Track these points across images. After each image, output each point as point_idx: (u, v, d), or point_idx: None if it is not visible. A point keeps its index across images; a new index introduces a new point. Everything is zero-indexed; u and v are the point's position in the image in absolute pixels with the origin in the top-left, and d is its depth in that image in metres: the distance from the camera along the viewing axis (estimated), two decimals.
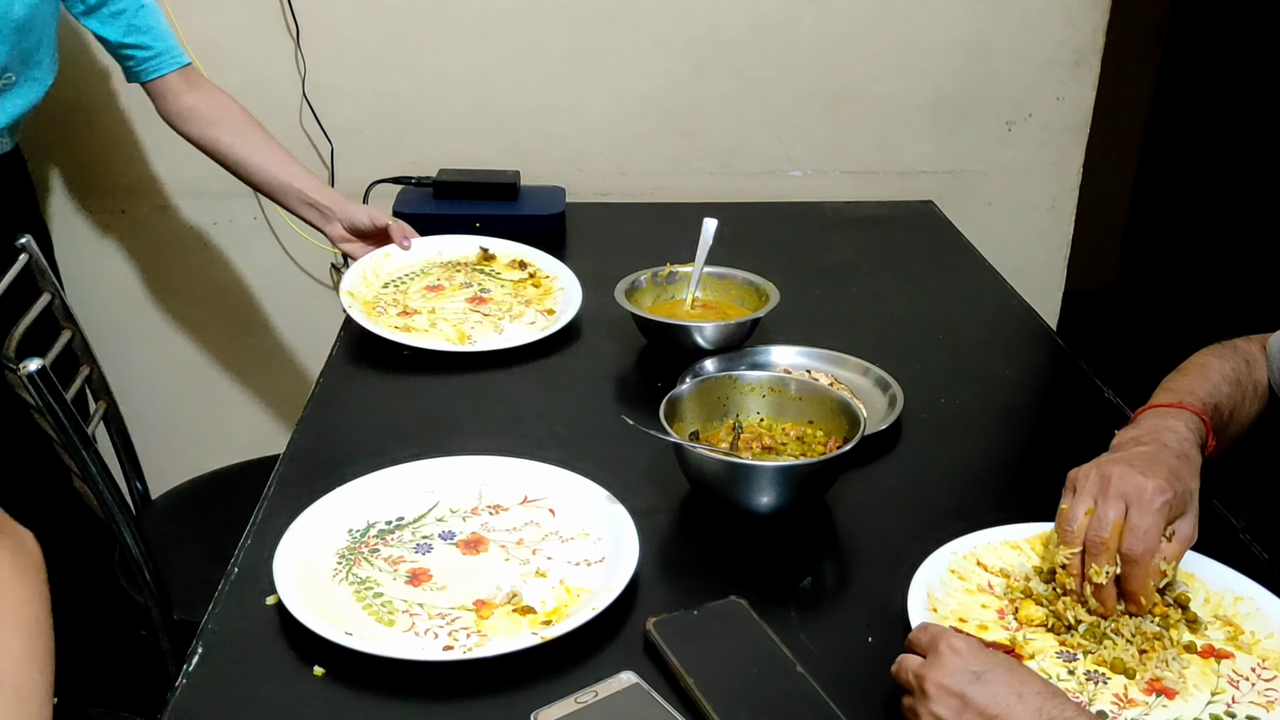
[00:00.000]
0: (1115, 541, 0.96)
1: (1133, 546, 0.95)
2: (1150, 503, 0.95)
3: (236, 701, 0.88)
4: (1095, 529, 0.96)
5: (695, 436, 1.15)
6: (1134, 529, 0.95)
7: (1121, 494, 0.97)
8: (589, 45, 1.98)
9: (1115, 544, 0.96)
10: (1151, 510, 0.95)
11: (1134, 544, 0.95)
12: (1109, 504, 0.97)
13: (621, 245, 1.81)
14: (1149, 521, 0.95)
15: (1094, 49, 2.05)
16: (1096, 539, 0.96)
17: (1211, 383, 1.14)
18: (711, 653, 0.90)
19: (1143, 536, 0.95)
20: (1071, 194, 2.17)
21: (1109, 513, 0.96)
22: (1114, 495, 0.97)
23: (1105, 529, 0.96)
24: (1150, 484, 0.96)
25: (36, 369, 1.33)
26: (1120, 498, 0.96)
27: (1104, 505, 0.97)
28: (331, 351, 1.46)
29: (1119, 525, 0.96)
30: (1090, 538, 0.97)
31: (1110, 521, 0.96)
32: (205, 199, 2.03)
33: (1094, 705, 0.89)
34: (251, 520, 1.10)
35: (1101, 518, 0.96)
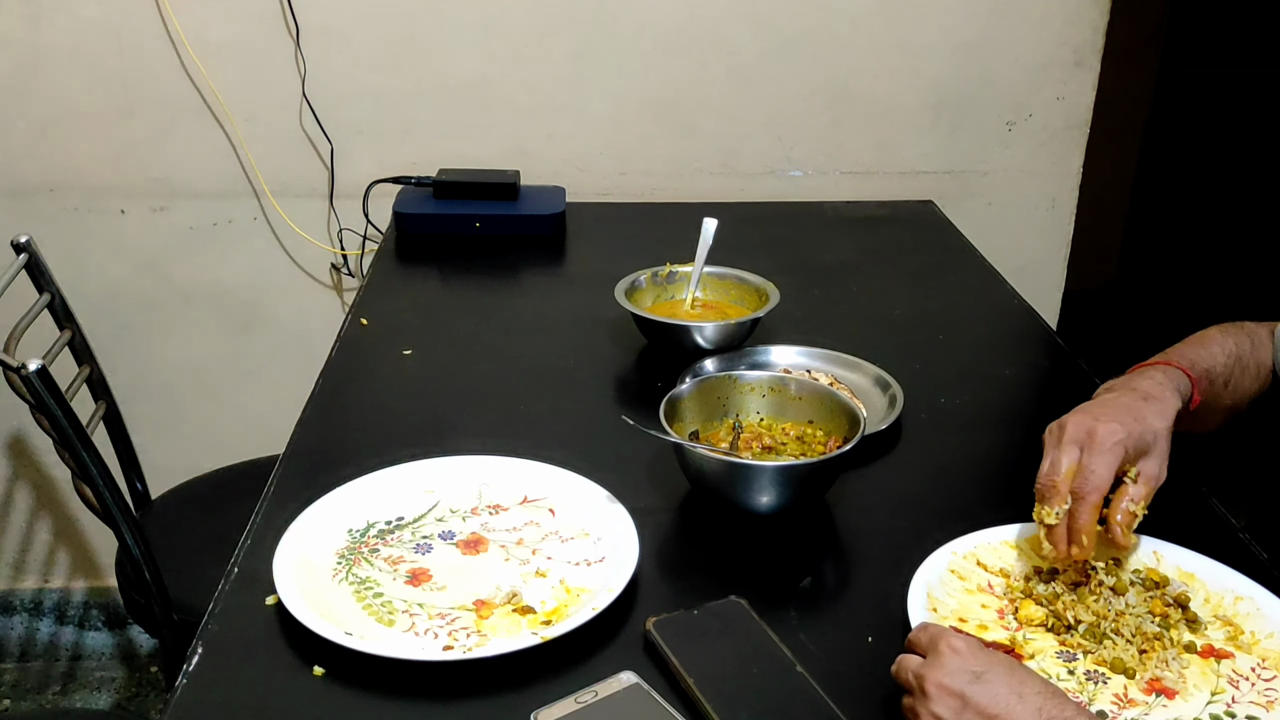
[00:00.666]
0: (1068, 485, 0.98)
1: (1080, 485, 0.97)
2: (1101, 443, 0.98)
3: (236, 701, 0.88)
4: (1048, 474, 0.99)
5: (695, 436, 1.15)
6: (1084, 470, 0.98)
7: (1074, 440, 0.99)
8: (589, 45, 1.98)
9: (1067, 488, 0.98)
10: (1103, 450, 0.97)
11: (1081, 483, 0.97)
12: (1062, 450, 0.99)
13: (621, 245, 1.81)
14: (1098, 461, 0.97)
15: (1094, 49, 2.05)
16: (1048, 483, 0.99)
17: (1208, 350, 1.15)
18: (711, 653, 0.90)
19: (1090, 476, 0.97)
20: (1071, 194, 2.16)
21: (1062, 459, 0.99)
22: (1068, 442, 0.99)
23: (1058, 474, 0.98)
24: (1101, 427, 0.98)
25: (36, 369, 1.33)
26: (1074, 443, 0.99)
27: (1057, 452, 0.99)
28: (331, 351, 1.45)
29: (1073, 470, 0.98)
30: (1043, 482, 0.99)
31: (1063, 467, 0.98)
32: (205, 199, 2.04)
33: (1094, 705, 0.89)
34: (251, 520, 1.10)
35: (1054, 463, 0.99)
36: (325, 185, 2.03)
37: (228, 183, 2.03)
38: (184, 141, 1.99)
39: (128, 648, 2.38)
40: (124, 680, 2.34)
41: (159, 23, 1.91)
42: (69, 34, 1.91)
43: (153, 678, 2.34)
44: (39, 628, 2.36)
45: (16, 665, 2.35)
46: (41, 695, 2.29)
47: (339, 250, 2.07)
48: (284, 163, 2.01)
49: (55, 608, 2.35)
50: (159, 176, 2.02)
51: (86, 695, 2.30)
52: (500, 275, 1.76)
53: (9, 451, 2.21)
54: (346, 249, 2.06)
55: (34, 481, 2.25)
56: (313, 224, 2.06)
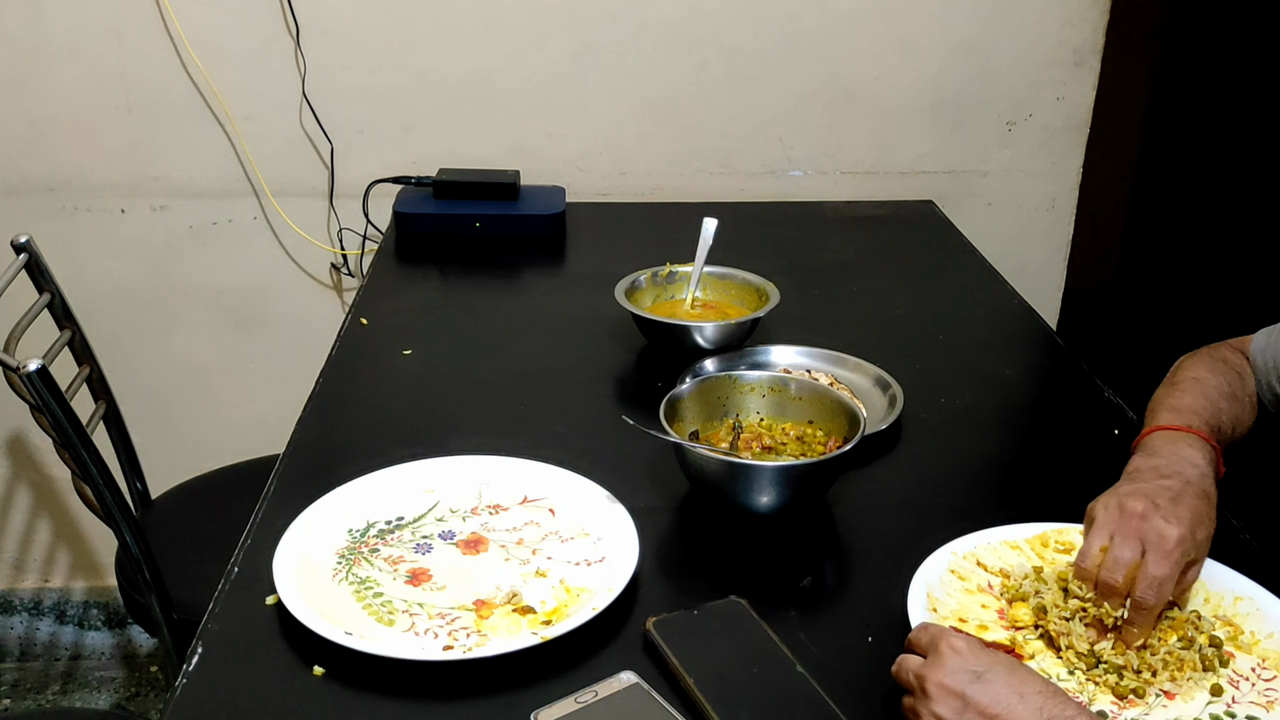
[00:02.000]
0: (1128, 585, 0.92)
1: (1145, 596, 0.91)
2: (1170, 553, 0.92)
3: (236, 701, 0.88)
4: (1109, 570, 0.93)
5: (695, 436, 1.15)
6: (1149, 578, 0.91)
7: (1141, 536, 0.93)
8: (589, 45, 1.98)
9: (1127, 587, 0.92)
10: (1170, 561, 0.92)
11: (1147, 593, 0.91)
12: (1126, 545, 0.93)
13: (621, 245, 1.81)
14: (1165, 572, 0.91)
15: (1094, 49, 2.05)
16: (1109, 580, 0.93)
17: (1212, 401, 1.12)
18: (711, 653, 0.90)
19: (1157, 587, 0.91)
20: (1071, 194, 2.17)
21: (1124, 554, 0.93)
22: (1133, 536, 0.93)
23: (1120, 572, 0.92)
24: (1173, 532, 0.92)
25: (36, 369, 1.33)
26: (1139, 539, 0.93)
27: (1120, 545, 0.93)
28: (331, 351, 1.45)
29: (1134, 569, 0.92)
30: (1103, 578, 0.93)
31: (1126, 564, 0.92)
32: (205, 199, 2.04)
33: (1094, 705, 0.89)
34: (251, 520, 1.10)
35: (1117, 559, 0.93)
36: (325, 185, 2.03)
37: (228, 182, 2.03)
38: (184, 141, 1.99)
39: (128, 648, 2.38)
40: (124, 680, 2.34)
41: (159, 21, 1.91)
42: (69, 33, 1.91)
43: (153, 678, 2.34)
44: (39, 627, 2.36)
45: (16, 665, 2.35)
46: (41, 695, 2.29)
47: (339, 250, 2.07)
48: (284, 162, 2.01)
49: (55, 607, 2.35)
50: (159, 176, 2.02)
51: (86, 695, 2.30)
52: (500, 275, 1.76)
53: (9, 451, 2.21)
54: (346, 249, 2.07)
55: (34, 481, 2.25)
56: (313, 224, 2.06)
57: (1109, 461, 1.11)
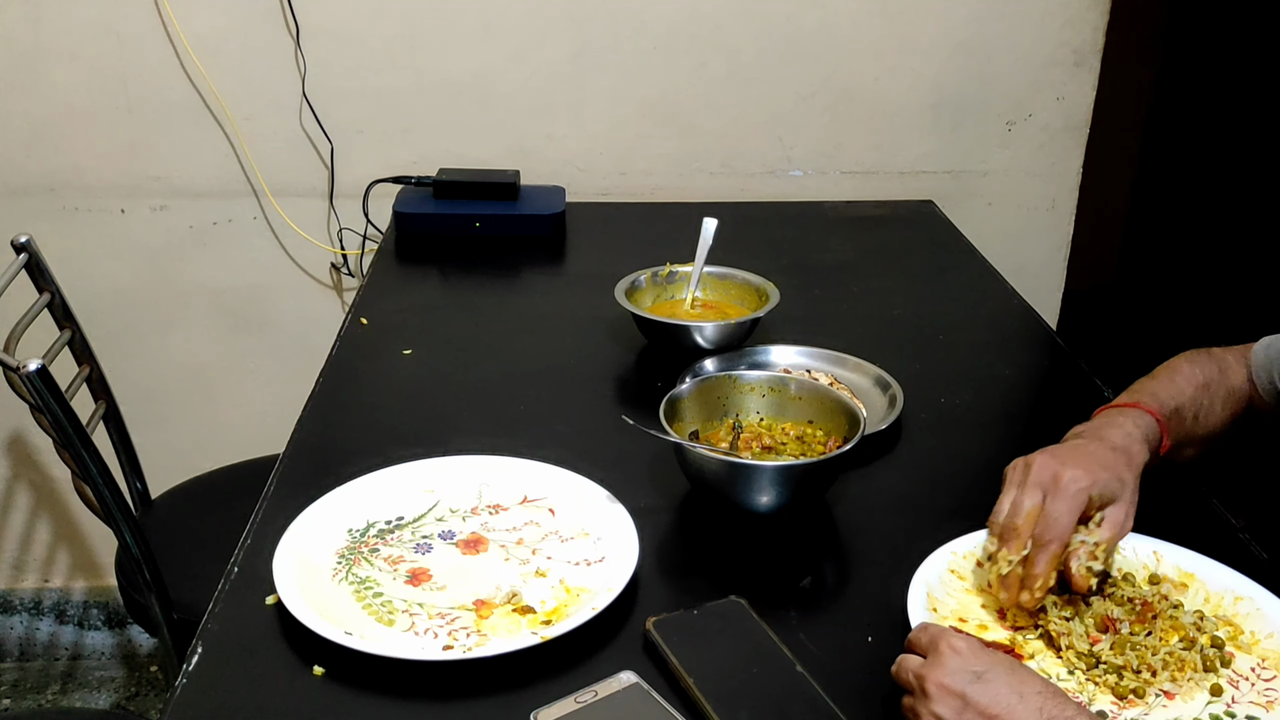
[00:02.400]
0: (1029, 529, 0.96)
1: (1041, 531, 0.96)
2: (1065, 489, 0.96)
3: (236, 701, 0.88)
4: (1010, 516, 0.98)
5: (695, 436, 1.15)
6: (1046, 515, 0.96)
7: (1038, 483, 0.98)
8: (589, 45, 1.98)
9: (1029, 531, 0.96)
10: (1066, 496, 0.96)
11: (1044, 529, 0.96)
12: (1025, 492, 0.98)
13: (621, 245, 1.81)
14: (1062, 508, 0.96)
15: (1094, 49, 2.05)
16: (1009, 525, 0.97)
17: (1176, 386, 1.13)
18: (711, 653, 0.90)
19: (1053, 523, 0.95)
20: (1071, 194, 2.17)
21: (1024, 501, 0.97)
22: (1031, 484, 0.98)
23: (1019, 516, 0.97)
24: (1067, 472, 0.97)
25: (36, 369, 1.33)
26: (1037, 486, 0.97)
27: (1020, 493, 0.98)
28: (331, 351, 1.45)
29: (1034, 513, 0.97)
30: (1004, 524, 0.98)
31: (1025, 510, 0.97)
32: (205, 199, 2.04)
33: (1094, 705, 0.89)
34: (251, 520, 1.10)
35: (1016, 505, 0.98)
36: (325, 185, 2.03)
37: (228, 182, 2.03)
38: (184, 141, 1.99)
39: (128, 648, 2.38)
40: (124, 680, 2.34)
41: (158, 22, 1.91)
42: (68, 33, 1.91)
43: (153, 677, 2.34)
44: (39, 627, 2.36)
45: (16, 665, 2.35)
46: (41, 695, 2.29)
47: (339, 250, 2.07)
48: (284, 162, 2.01)
49: (55, 607, 2.35)
50: (159, 176, 2.02)
51: (86, 695, 2.30)
52: (500, 275, 1.76)
53: (9, 451, 2.21)
54: (346, 249, 2.07)
55: (34, 481, 2.24)
56: (313, 224, 2.06)
57: None
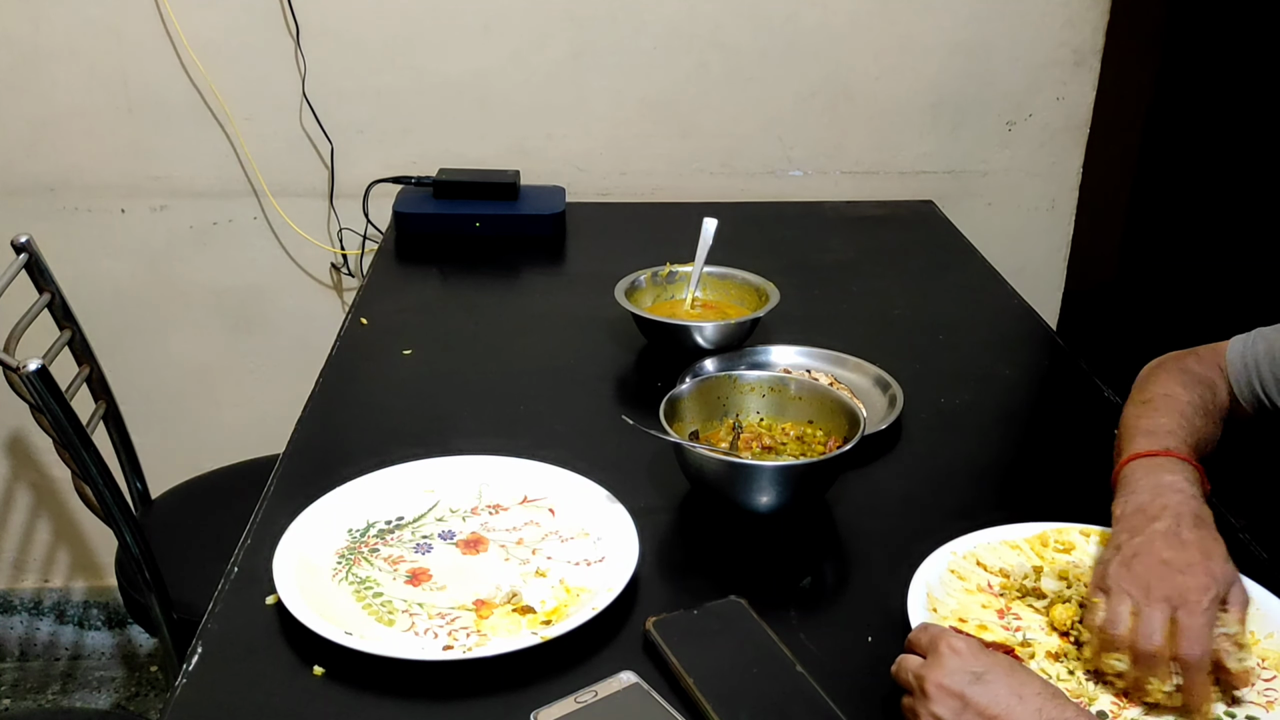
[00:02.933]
0: (1169, 649, 0.88)
1: (1190, 651, 0.87)
2: (1198, 604, 0.89)
3: (236, 701, 0.88)
4: (1145, 640, 0.89)
5: (695, 436, 1.15)
6: (1187, 631, 0.88)
7: (1165, 598, 0.90)
8: (589, 45, 1.98)
9: (1169, 651, 0.88)
10: (1200, 610, 0.89)
11: (1191, 648, 0.87)
12: (1154, 610, 0.90)
13: (621, 245, 1.81)
14: (1200, 621, 0.88)
15: (1094, 49, 2.05)
16: (1149, 650, 0.88)
17: (1188, 419, 1.10)
18: (711, 652, 0.90)
19: (1198, 639, 0.88)
20: (1071, 194, 2.17)
21: (1155, 619, 0.89)
22: (1157, 599, 0.90)
23: (1156, 639, 0.88)
24: (1193, 583, 0.90)
25: (36, 369, 1.33)
26: (1165, 601, 0.90)
27: (1149, 612, 0.90)
28: (331, 351, 1.45)
29: (1168, 630, 0.89)
30: (1141, 649, 0.89)
31: (1159, 629, 0.89)
32: (205, 199, 2.04)
33: (1094, 706, 0.89)
34: (251, 520, 1.10)
35: (1150, 626, 0.89)
36: (325, 185, 2.03)
37: (228, 182, 2.03)
38: (184, 141, 1.99)
39: (128, 648, 2.38)
40: (124, 680, 2.34)
41: (159, 22, 1.91)
42: (68, 33, 1.91)
43: (153, 677, 2.34)
44: (39, 627, 2.36)
45: (16, 665, 2.35)
46: (41, 695, 2.29)
47: (339, 250, 2.07)
48: (284, 163, 2.01)
49: (55, 607, 2.35)
50: (159, 176, 2.02)
51: (86, 695, 2.30)
52: (500, 275, 1.76)
53: (9, 451, 2.21)
54: (346, 249, 2.07)
55: (34, 481, 2.25)
56: (313, 224, 2.06)
57: (1108, 462, 1.11)
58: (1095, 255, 2.81)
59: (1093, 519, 1.09)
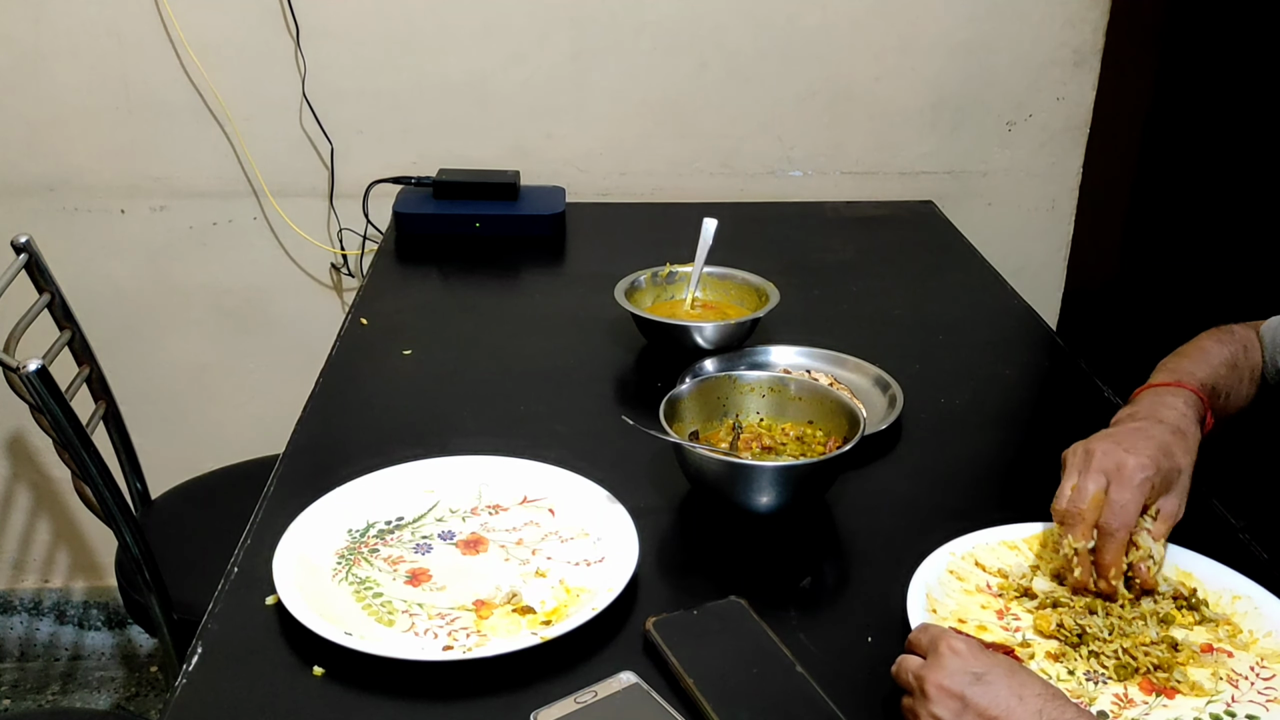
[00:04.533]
0: (1093, 515, 0.97)
1: (1108, 520, 0.96)
2: (1130, 478, 0.97)
3: (236, 701, 0.88)
4: (1074, 502, 0.98)
5: (695, 436, 1.15)
6: (1112, 504, 0.97)
7: (1103, 469, 0.98)
8: (589, 45, 1.98)
9: (1093, 517, 0.97)
10: (1131, 485, 0.97)
11: (1110, 518, 0.96)
12: (1089, 478, 0.98)
13: (621, 245, 1.81)
14: (1127, 496, 0.97)
15: (1094, 49, 2.05)
16: (1074, 511, 0.98)
17: (1210, 365, 1.15)
18: (711, 653, 0.90)
19: (1119, 511, 0.96)
20: (1071, 194, 2.17)
21: (1089, 486, 0.98)
22: (1095, 470, 0.98)
23: (1083, 502, 0.98)
24: (1132, 460, 0.97)
25: (36, 369, 1.33)
26: (1101, 472, 0.98)
27: (1084, 479, 0.98)
28: (331, 351, 1.46)
29: (1098, 499, 0.97)
30: (1068, 510, 0.98)
31: (1089, 495, 0.97)
32: (205, 199, 2.04)
33: (1094, 706, 0.89)
34: (251, 520, 1.10)
35: (1081, 491, 0.98)
36: (325, 185, 2.03)
37: (228, 183, 2.03)
38: (184, 141, 1.99)
39: (128, 648, 2.38)
40: (124, 680, 2.34)
41: (159, 23, 1.91)
42: (69, 33, 1.91)
43: (153, 678, 2.34)
44: (39, 627, 2.36)
45: (16, 665, 2.35)
46: (41, 695, 2.29)
47: (339, 250, 2.07)
48: (284, 163, 2.01)
49: (55, 607, 2.35)
50: (159, 176, 2.02)
51: (86, 695, 2.30)
52: (500, 275, 1.76)
53: (9, 451, 2.21)
54: (346, 249, 2.07)
55: (34, 481, 2.25)
56: (313, 224, 2.06)
57: None
58: (1095, 255, 2.81)
59: None
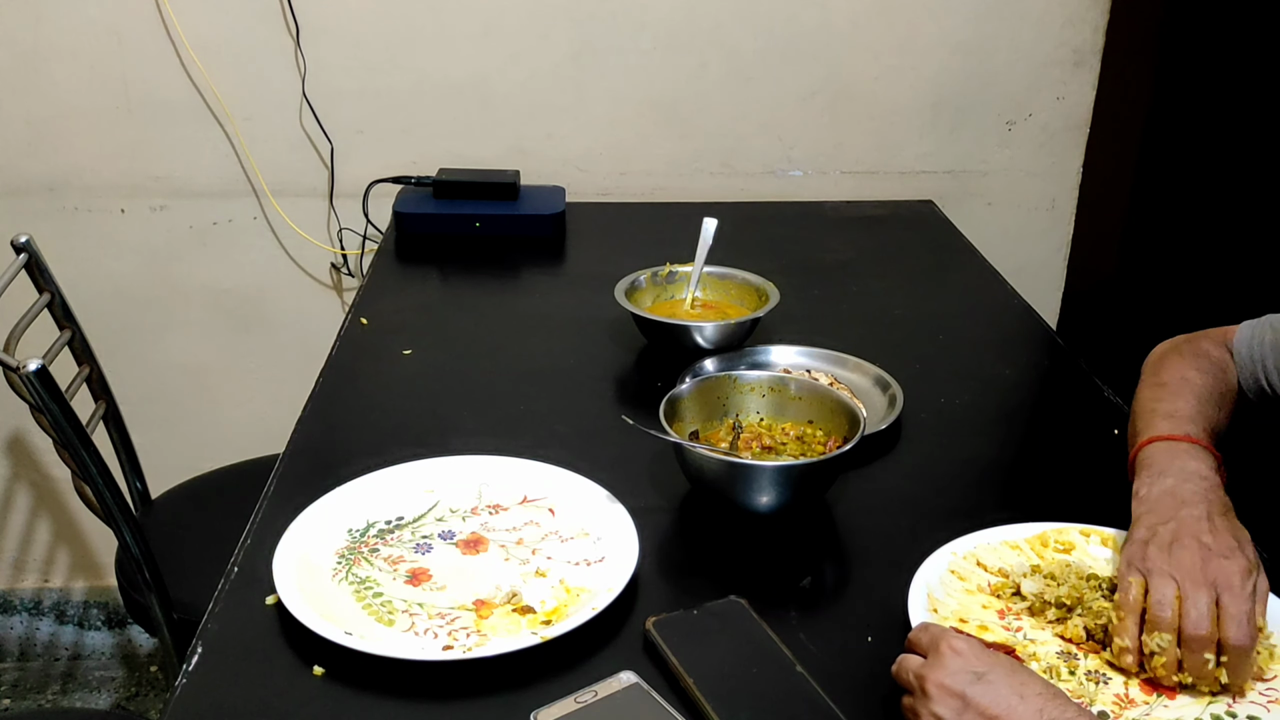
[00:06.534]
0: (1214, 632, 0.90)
1: (1240, 639, 0.89)
2: (1243, 589, 0.91)
3: (236, 701, 0.88)
4: (1194, 625, 0.90)
5: (695, 436, 1.15)
6: (1235, 618, 0.90)
7: (1210, 582, 0.91)
8: (589, 45, 1.98)
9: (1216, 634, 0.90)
10: (1245, 596, 0.91)
11: (1240, 635, 0.89)
12: (1201, 593, 0.91)
13: (621, 245, 1.81)
14: (1245, 607, 0.90)
15: (1094, 49, 2.05)
16: (1198, 633, 0.90)
17: (1204, 404, 1.11)
18: (711, 652, 0.90)
19: (1247, 625, 0.90)
20: (1071, 194, 2.17)
21: (1203, 603, 0.91)
22: (1203, 584, 0.91)
23: (1205, 624, 0.90)
24: (1235, 568, 0.92)
25: (36, 369, 1.33)
26: (1210, 586, 0.91)
27: (1196, 596, 0.91)
28: (331, 351, 1.45)
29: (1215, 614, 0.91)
30: (1190, 633, 0.90)
31: (1207, 614, 0.90)
32: (205, 199, 2.04)
33: (1094, 706, 0.89)
34: (251, 520, 1.10)
35: (1198, 610, 0.90)
36: (325, 185, 2.03)
37: (228, 182, 2.03)
38: (184, 141, 1.99)
39: (128, 648, 2.38)
40: (124, 680, 2.34)
41: (159, 22, 1.91)
42: (69, 33, 1.91)
43: (153, 677, 2.34)
44: (39, 627, 2.36)
45: (16, 665, 2.35)
46: (41, 695, 2.29)
47: (339, 250, 2.07)
48: (284, 162, 2.01)
49: (55, 607, 2.35)
50: (159, 176, 2.02)
51: (86, 695, 2.30)
52: (500, 275, 1.76)
53: (9, 451, 2.21)
54: (346, 249, 2.07)
55: (34, 481, 2.25)
56: (313, 224, 2.06)
57: (1109, 461, 1.11)
58: (1095, 255, 2.81)
59: (1093, 519, 1.09)
